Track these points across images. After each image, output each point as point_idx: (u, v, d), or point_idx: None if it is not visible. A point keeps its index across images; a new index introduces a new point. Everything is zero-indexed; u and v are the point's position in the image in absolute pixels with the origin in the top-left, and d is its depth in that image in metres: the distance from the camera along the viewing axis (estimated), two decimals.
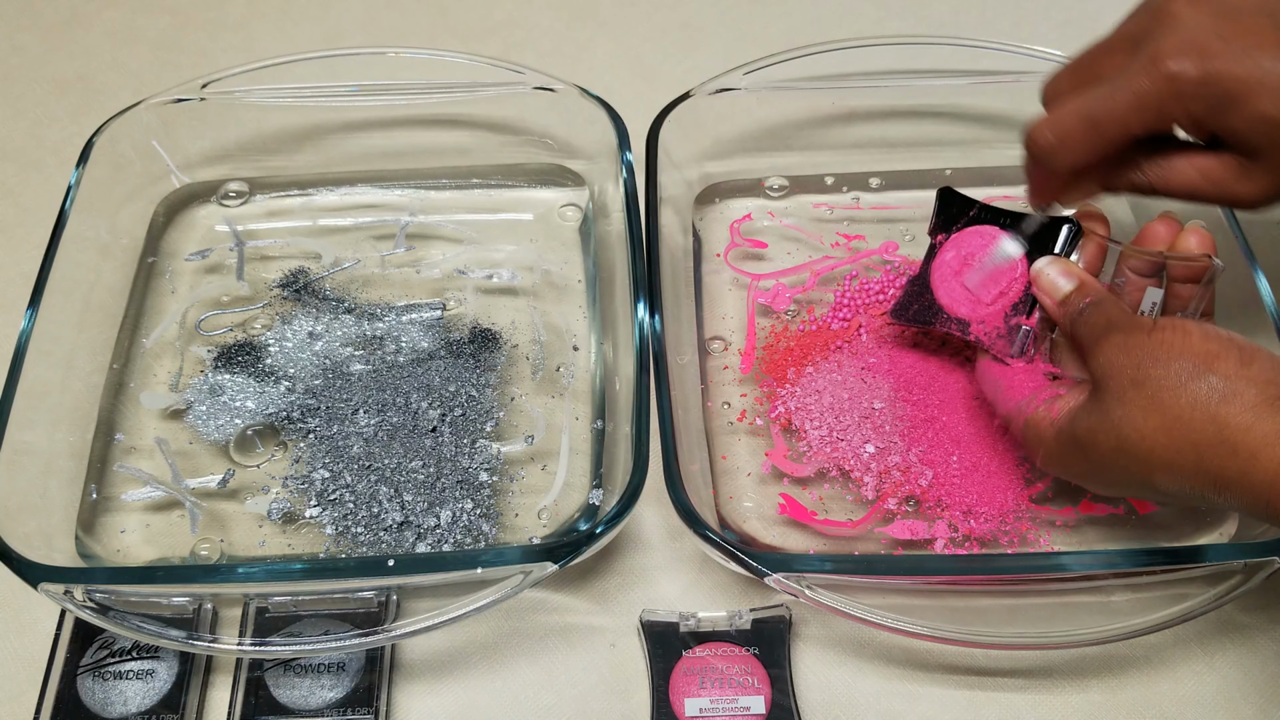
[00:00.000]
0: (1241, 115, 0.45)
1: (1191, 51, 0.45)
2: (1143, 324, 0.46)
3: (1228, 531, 0.55)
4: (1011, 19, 0.83)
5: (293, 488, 0.58)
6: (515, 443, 0.60)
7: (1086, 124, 0.47)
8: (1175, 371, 0.43)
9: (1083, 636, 0.50)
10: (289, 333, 0.64)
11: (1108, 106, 0.47)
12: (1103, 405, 0.46)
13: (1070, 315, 0.50)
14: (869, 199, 0.70)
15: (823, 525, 0.57)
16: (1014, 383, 0.52)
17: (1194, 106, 0.46)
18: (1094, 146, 0.48)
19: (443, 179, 0.71)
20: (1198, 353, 0.43)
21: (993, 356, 0.54)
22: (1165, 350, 0.44)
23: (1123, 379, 0.45)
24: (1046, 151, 0.49)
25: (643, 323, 0.56)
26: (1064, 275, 0.52)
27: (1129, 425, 0.44)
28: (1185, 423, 0.42)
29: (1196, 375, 0.43)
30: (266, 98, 0.69)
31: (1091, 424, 0.46)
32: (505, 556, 0.50)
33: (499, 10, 0.84)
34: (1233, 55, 0.45)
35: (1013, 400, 0.52)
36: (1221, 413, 0.42)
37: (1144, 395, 0.44)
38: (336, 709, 0.52)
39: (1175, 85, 0.45)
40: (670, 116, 0.65)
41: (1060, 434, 0.48)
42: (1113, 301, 0.49)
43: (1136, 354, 0.45)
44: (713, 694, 0.52)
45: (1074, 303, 0.50)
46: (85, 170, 0.63)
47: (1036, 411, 0.50)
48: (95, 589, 0.49)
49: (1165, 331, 0.45)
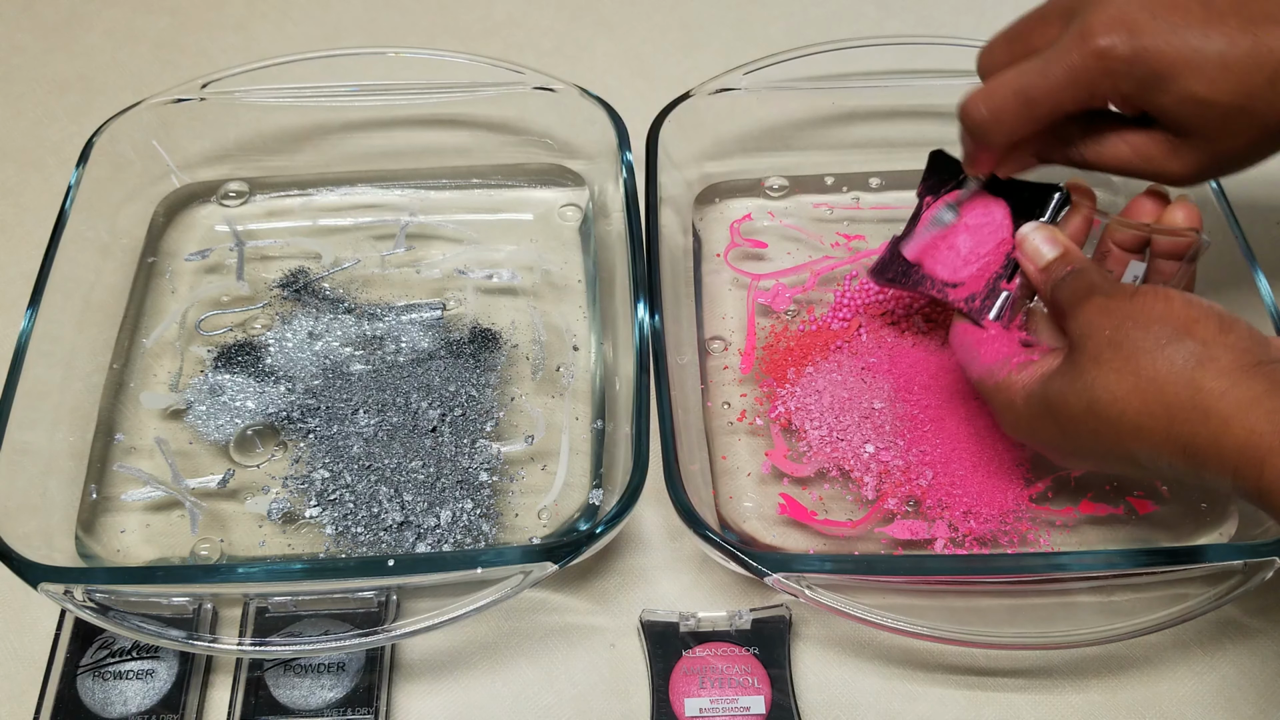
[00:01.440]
0: (1170, 94, 0.45)
1: (1121, 27, 0.44)
2: (1125, 289, 0.46)
3: (1228, 531, 0.55)
4: (1011, 19, 0.82)
5: (293, 488, 0.58)
6: (515, 443, 0.60)
7: (1019, 99, 0.47)
8: (1154, 335, 0.43)
9: (1083, 636, 0.50)
10: (289, 333, 0.64)
11: (1039, 82, 0.46)
12: (1077, 366, 0.45)
13: (1052, 282, 0.49)
14: (869, 199, 0.70)
15: (823, 525, 0.57)
16: (988, 347, 0.52)
17: (1123, 84, 0.45)
18: (1026, 122, 0.47)
19: (443, 179, 0.71)
20: (1178, 317, 0.43)
21: (969, 320, 0.53)
22: (1145, 313, 0.44)
23: (1100, 340, 0.45)
24: (979, 125, 0.48)
25: (643, 323, 0.56)
26: (1048, 242, 0.51)
27: (1101, 386, 0.44)
28: (1159, 385, 0.42)
29: (1174, 339, 0.43)
30: (266, 98, 0.69)
31: (1063, 386, 0.46)
32: (505, 556, 0.50)
33: (499, 10, 0.84)
34: (1161, 32, 0.44)
35: (985, 364, 0.51)
36: (1197, 377, 0.42)
37: (1120, 356, 0.44)
38: (336, 709, 0.52)
39: (1105, 62, 0.45)
40: (670, 116, 0.65)
41: (1030, 397, 0.48)
42: (1096, 269, 0.49)
43: (1116, 316, 0.45)
44: (713, 694, 0.52)
45: (1056, 270, 0.50)
46: (85, 170, 0.63)
47: (1008, 375, 0.49)
48: (95, 589, 0.49)
49: (1147, 296, 0.45)
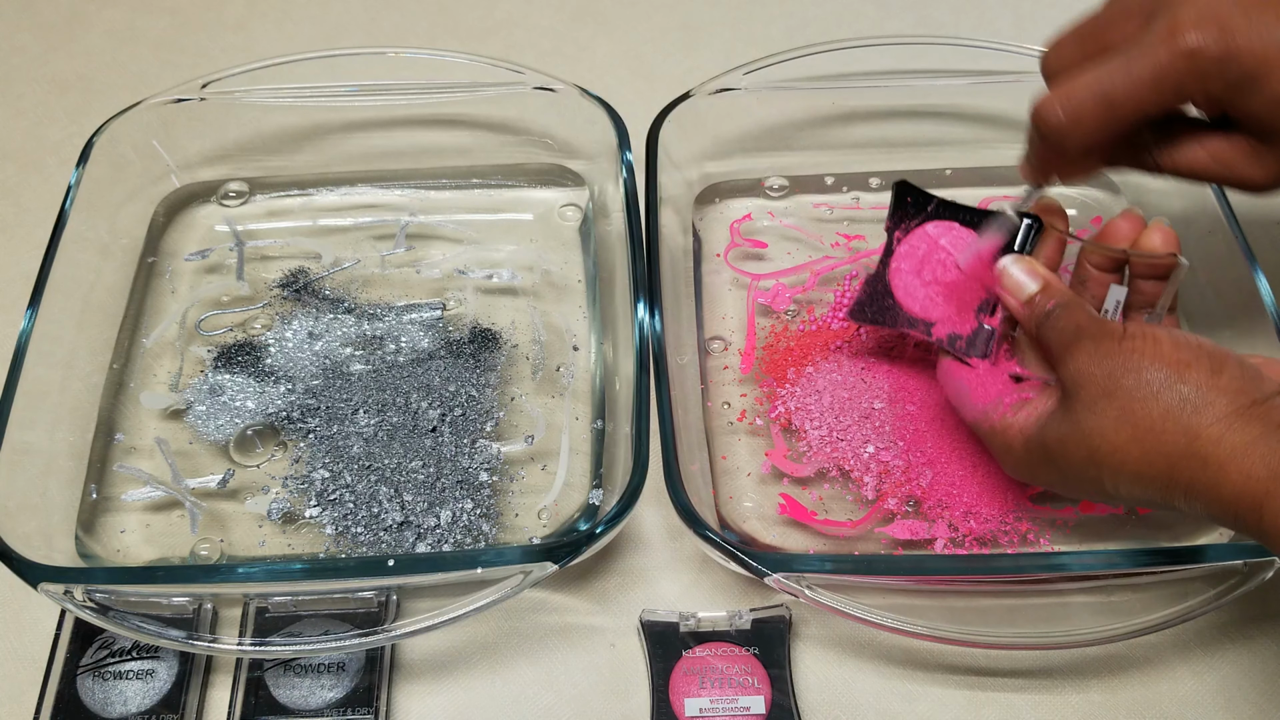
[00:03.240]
0: (1261, 95, 0.43)
1: (1212, 24, 0.42)
2: (1112, 331, 0.45)
3: (1227, 532, 0.55)
4: (1011, 19, 0.82)
5: (293, 488, 0.58)
6: (515, 443, 0.60)
7: (1100, 101, 0.44)
8: (1147, 381, 0.43)
9: (1083, 636, 0.50)
10: (289, 333, 0.64)
11: (1123, 83, 0.44)
12: (1073, 415, 0.45)
13: (1036, 318, 0.48)
14: (869, 199, 0.70)
15: (823, 525, 0.57)
16: (978, 386, 0.51)
17: (1213, 85, 0.43)
18: (1107, 125, 0.45)
19: (443, 179, 0.71)
20: (1169, 362, 0.43)
21: (955, 357, 0.53)
22: (1136, 359, 0.43)
23: (1094, 389, 0.44)
24: (1056, 130, 0.46)
25: (643, 323, 0.56)
26: (1028, 275, 0.50)
27: (1100, 436, 0.44)
28: (1157, 434, 0.42)
29: (1168, 386, 0.42)
30: (266, 98, 0.69)
31: (1062, 433, 0.45)
32: (505, 556, 0.50)
33: (499, 10, 0.84)
34: (1254, 31, 0.42)
35: (978, 405, 0.51)
36: (1193, 424, 0.41)
37: (1115, 406, 0.43)
38: (336, 709, 0.52)
39: (1194, 62, 0.43)
40: (670, 116, 0.65)
41: (1029, 442, 0.47)
42: (1079, 305, 0.47)
43: (1107, 363, 0.44)
44: (713, 694, 0.52)
45: (1039, 304, 0.48)
46: (85, 170, 0.63)
47: (1004, 418, 0.49)
48: (95, 589, 0.49)
49: (1136, 340, 0.44)
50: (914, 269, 0.55)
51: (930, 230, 0.55)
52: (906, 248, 0.56)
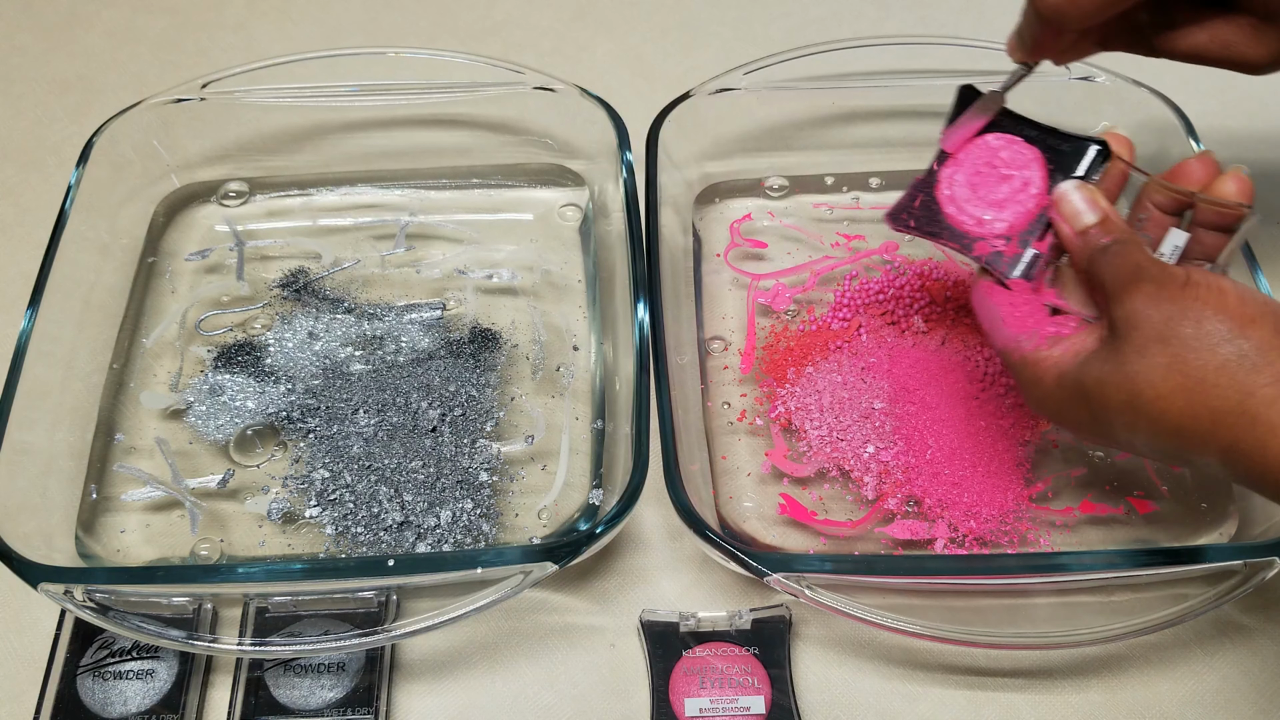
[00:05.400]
0: None
1: None
2: (1175, 275, 0.42)
3: (1228, 531, 0.56)
4: (1011, 19, 0.82)
5: (293, 488, 0.58)
6: (515, 443, 0.60)
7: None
8: (1207, 332, 0.41)
9: (1083, 636, 0.50)
10: (289, 333, 0.64)
11: None
12: (1119, 355, 0.43)
13: (1090, 251, 0.46)
14: (869, 199, 0.70)
15: (823, 525, 0.57)
16: (1013, 312, 0.48)
17: None
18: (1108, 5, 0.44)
19: (443, 179, 0.71)
20: (1233, 315, 0.41)
21: (994, 279, 0.50)
22: (1199, 308, 0.41)
23: (1148, 332, 0.42)
24: (1056, 9, 0.44)
25: (643, 323, 0.56)
26: (1088, 204, 0.47)
27: (1145, 381, 0.41)
28: (1208, 387, 0.40)
29: (1229, 339, 0.40)
30: (266, 98, 0.69)
31: (1103, 374, 0.43)
32: (505, 556, 0.50)
33: (499, 10, 0.84)
34: None
35: (1011, 332, 0.48)
36: (1248, 381, 0.40)
37: (1168, 353, 0.41)
38: (336, 709, 0.52)
39: None
40: (670, 116, 0.65)
41: (1063, 378, 0.45)
42: (1140, 245, 0.45)
43: (1167, 308, 0.42)
44: (713, 694, 0.52)
45: (1095, 237, 0.46)
46: (85, 170, 0.63)
47: (1037, 349, 0.46)
48: (95, 589, 0.49)
49: (1200, 288, 0.42)
50: (967, 179, 0.52)
51: (991, 141, 0.52)
52: (962, 156, 0.52)
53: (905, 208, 0.53)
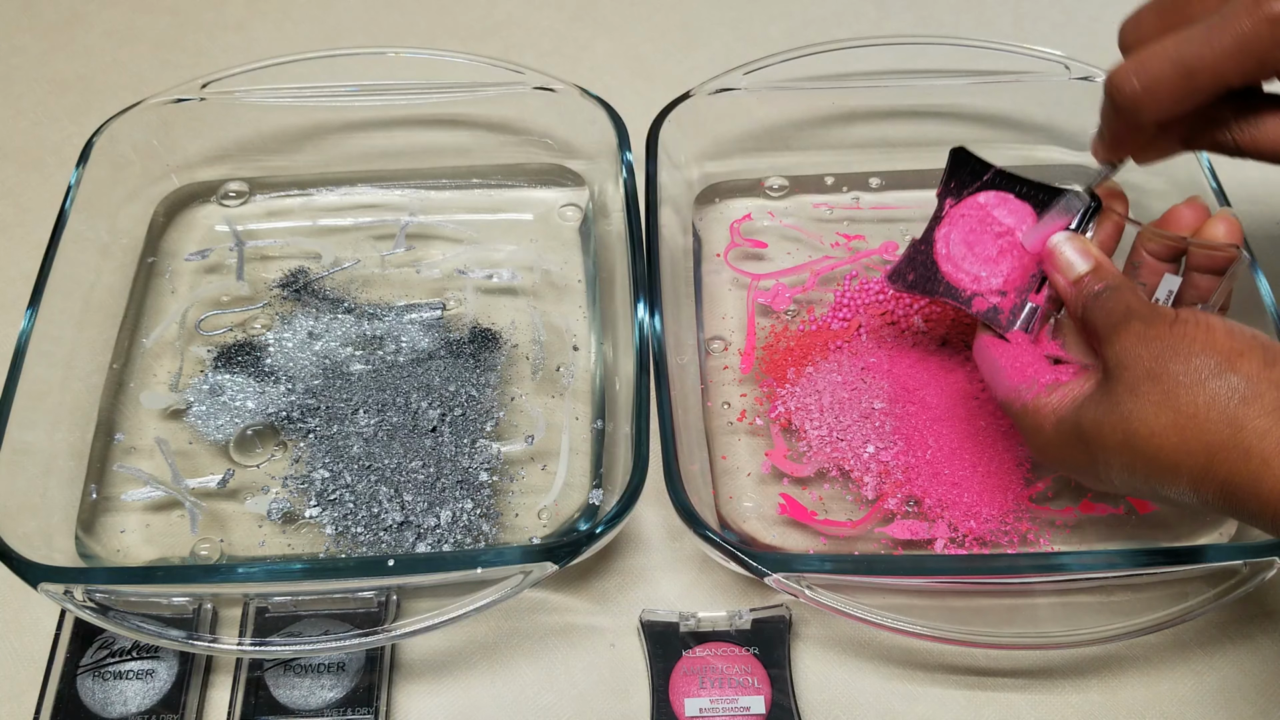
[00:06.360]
0: None
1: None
2: (1164, 314, 0.43)
3: (1228, 531, 0.56)
4: (1011, 19, 0.83)
5: (293, 488, 0.58)
6: (515, 443, 0.60)
7: (1178, 70, 0.42)
8: (1195, 367, 0.41)
9: (1083, 636, 0.50)
10: (289, 333, 0.64)
11: (1202, 51, 0.41)
12: (1113, 396, 0.43)
13: (1083, 298, 0.47)
14: (869, 199, 0.70)
15: (823, 525, 0.57)
16: (1014, 364, 0.49)
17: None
18: (1185, 96, 0.43)
19: (443, 179, 0.71)
20: (1221, 349, 0.41)
21: (993, 333, 0.51)
22: (1187, 344, 0.41)
23: (1138, 370, 0.42)
24: (1130, 101, 0.44)
25: (643, 323, 0.56)
26: (1081, 254, 0.48)
27: (1139, 420, 0.42)
28: (1200, 422, 0.40)
29: (1217, 373, 0.40)
30: (266, 98, 0.69)
31: (1098, 415, 0.44)
32: (505, 556, 0.50)
33: (499, 10, 0.84)
34: None
35: (1011, 383, 0.49)
36: (1240, 414, 0.40)
37: (1159, 390, 0.41)
38: (336, 709, 0.52)
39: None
40: (670, 116, 0.65)
41: (1061, 422, 0.46)
42: (1131, 288, 0.46)
43: (1156, 345, 0.42)
44: (713, 694, 0.52)
45: (1088, 285, 0.47)
46: (85, 170, 0.63)
47: (1037, 397, 0.47)
48: (95, 589, 0.49)
49: (1188, 325, 0.42)
50: (962, 238, 0.53)
51: (983, 200, 0.54)
52: (957, 215, 0.54)
53: (903, 268, 0.55)
